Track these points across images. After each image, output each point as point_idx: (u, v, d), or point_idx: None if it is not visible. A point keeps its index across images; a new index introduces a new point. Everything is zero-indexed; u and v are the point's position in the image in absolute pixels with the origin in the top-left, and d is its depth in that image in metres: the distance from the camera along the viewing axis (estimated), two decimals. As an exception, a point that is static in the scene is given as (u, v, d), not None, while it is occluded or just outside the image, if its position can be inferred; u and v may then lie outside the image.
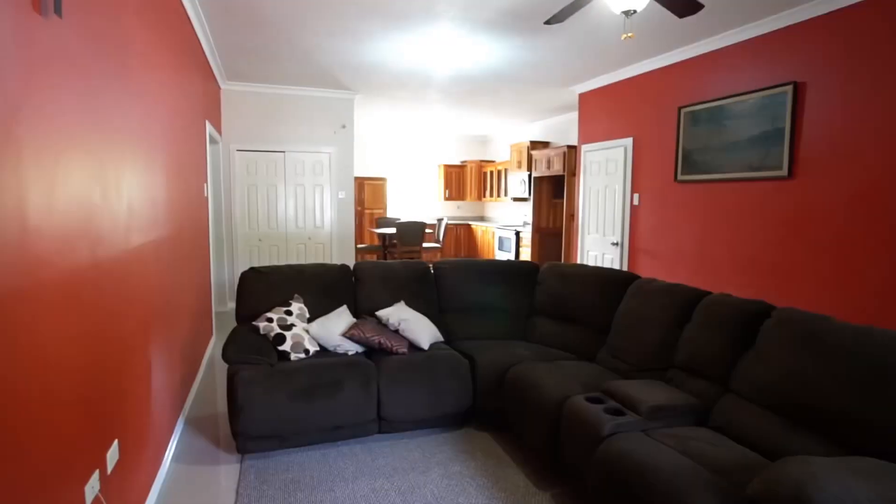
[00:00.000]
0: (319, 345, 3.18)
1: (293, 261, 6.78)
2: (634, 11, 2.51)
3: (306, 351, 3.04)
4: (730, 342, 2.37)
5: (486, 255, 10.04)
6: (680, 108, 4.81)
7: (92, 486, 1.58)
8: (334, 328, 3.20)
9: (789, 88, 3.83)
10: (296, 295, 3.39)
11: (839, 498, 1.40)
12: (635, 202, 5.44)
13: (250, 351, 2.84)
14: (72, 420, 1.48)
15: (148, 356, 2.36)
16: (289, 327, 3.08)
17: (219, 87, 6.01)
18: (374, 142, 10.66)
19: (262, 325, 3.06)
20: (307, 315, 3.32)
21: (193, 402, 3.54)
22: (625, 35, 2.76)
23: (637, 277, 3.20)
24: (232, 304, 6.12)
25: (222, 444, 2.94)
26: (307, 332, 3.17)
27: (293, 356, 2.98)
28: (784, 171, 3.89)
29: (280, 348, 2.98)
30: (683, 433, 2.12)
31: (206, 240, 4.65)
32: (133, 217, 2.15)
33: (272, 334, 3.02)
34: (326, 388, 2.78)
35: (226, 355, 2.83)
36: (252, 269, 3.45)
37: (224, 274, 6.29)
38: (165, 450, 2.67)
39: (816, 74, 3.70)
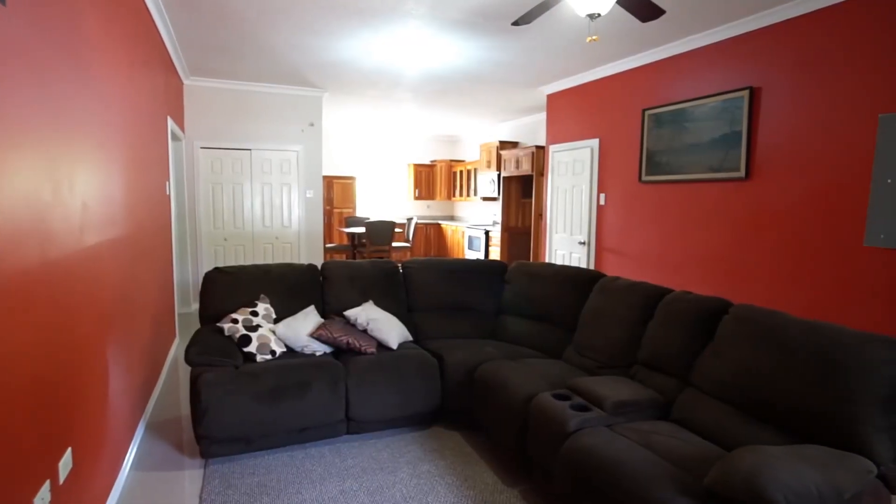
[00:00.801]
0: (286, 346, 3.13)
1: (260, 261, 6.65)
2: (599, 15, 2.56)
3: (273, 352, 2.99)
4: (689, 338, 2.45)
5: (456, 255, 10.07)
6: (644, 111, 4.93)
7: (42, 498, 1.52)
8: (301, 329, 3.16)
9: (746, 93, 3.97)
10: (262, 295, 3.33)
11: (788, 484, 1.46)
12: (602, 202, 5.55)
13: (214, 352, 2.78)
14: (19, 427, 1.41)
15: (105, 359, 2.28)
16: (255, 328, 3.02)
17: (181, 83, 5.85)
18: (344, 140, 10.56)
19: (226, 326, 2.99)
20: (274, 316, 3.27)
21: (155, 405, 3.44)
22: (589, 38, 2.82)
23: (602, 276, 3.26)
24: (196, 305, 5.96)
25: (186, 449, 2.86)
26: (273, 332, 3.12)
27: (259, 357, 2.93)
28: (742, 173, 4.04)
29: (246, 350, 2.93)
30: (646, 427, 2.18)
31: (168, 239, 4.52)
32: (88, 215, 2.08)
33: (237, 335, 2.96)
34: (293, 389, 2.74)
35: (189, 357, 2.75)
36: (216, 269, 3.37)
37: (188, 274, 6.13)
38: (124, 457, 2.59)
39: (770, 80, 3.85)
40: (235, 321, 3.02)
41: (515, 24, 3.12)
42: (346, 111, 8.32)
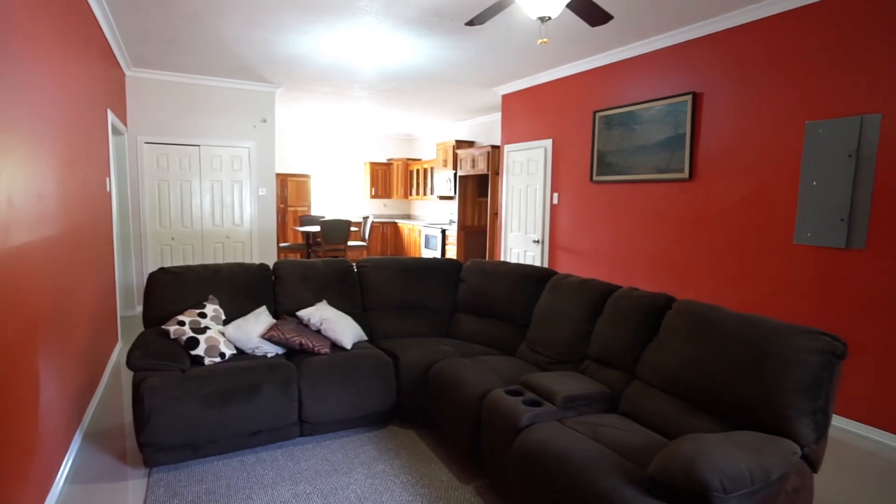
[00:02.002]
0: (236, 348, 3.05)
1: (210, 260, 6.43)
2: (549, 18, 2.61)
3: (222, 354, 2.90)
4: (636, 333, 2.54)
5: (413, 253, 10.06)
6: (595, 112, 5.07)
7: (-36, 514, 1.42)
8: (252, 330, 3.08)
9: (689, 98, 4.15)
10: (210, 296, 3.22)
11: (723, 469, 1.55)
12: (555, 201, 5.67)
13: (159, 356, 2.67)
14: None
15: (35, 366, 2.15)
16: (202, 330, 2.92)
17: (123, 74, 5.57)
18: (298, 137, 10.35)
19: (172, 328, 2.88)
20: (223, 317, 3.17)
21: (95, 414, 3.27)
22: (540, 40, 2.87)
23: (554, 273, 3.34)
24: (141, 308, 5.71)
25: (128, 458, 2.74)
26: (223, 334, 3.02)
27: (207, 360, 2.83)
28: (686, 174, 4.22)
29: (193, 353, 2.83)
30: (595, 420, 2.24)
31: (109, 238, 4.30)
32: (14, 212, 1.95)
33: (184, 338, 2.85)
34: (244, 392, 2.66)
35: (131, 362, 2.63)
36: (161, 269, 3.24)
37: (132, 275, 5.85)
38: (58, 470, 2.45)
39: (711, 86, 4.04)
40: (182, 323, 2.91)
41: (469, 24, 3.14)
42: (300, 107, 8.16)
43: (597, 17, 2.99)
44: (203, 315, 3.03)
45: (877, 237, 3.11)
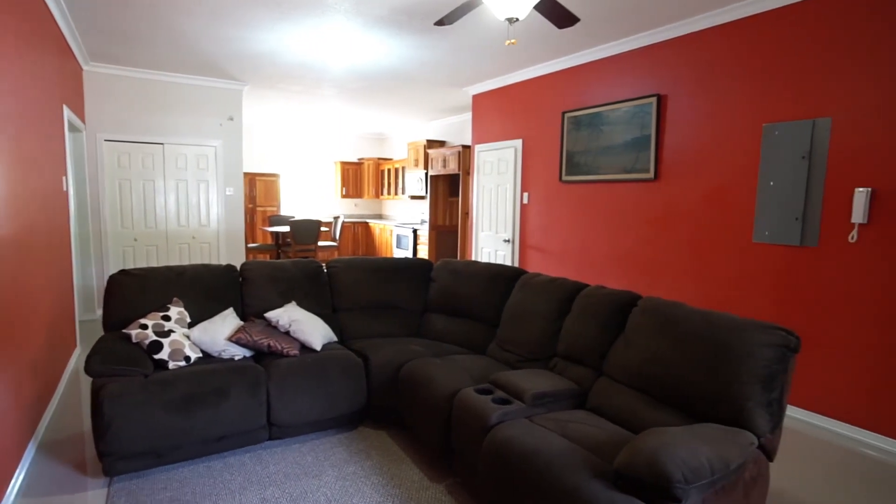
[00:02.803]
0: (202, 351, 2.98)
1: (175, 262, 6.26)
2: (517, 19, 2.64)
3: (187, 358, 2.83)
4: (603, 330, 2.59)
5: (384, 253, 10.01)
6: (564, 113, 5.15)
7: None
8: (219, 332, 3.02)
9: (654, 100, 4.26)
10: (175, 299, 3.14)
11: (685, 461, 1.60)
12: (525, 201, 5.73)
13: (120, 361, 2.58)
14: None
15: (-13, 374, 2.05)
16: (166, 334, 2.85)
17: (80, 68, 5.37)
18: (267, 136, 10.17)
19: (134, 332, 2.79)
20: (188, 320, 3.09)
21: (51, 423, 3.14)
22: (508, 41, 2.90)
23: (523, 272, 3.38)
24: (101, 312, 5.52)
25: (88, 468, 2.64)
26: (188, 337, 2.95)
27: (172, 364, 2.76)
28: (651, 174, 4.32)
29: (156, 357, 2.75)
30: (563, 416, 2.28)
31: (66, 239, 4.14)
32: (-37, 214, 1.86)
33: (147, 342, 2.77)
34: (210, 396, 2.61)
35: (89, 367, 2.54)
36: (122, 271, 3.13)
37: (91, 278, 5.65)
38: (9, 483, 2.34)
39: (675, 89, 4.15)
40: (144, 327, 2.83)
41: (438, 24, 3.15)
42: (269, 106, 8.02)
43: (563, 19, 3.04)
44: (167, 318, 2.95)
45: (828, 235, 3.25)
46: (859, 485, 2.64)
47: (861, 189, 3.07)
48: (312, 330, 3.16)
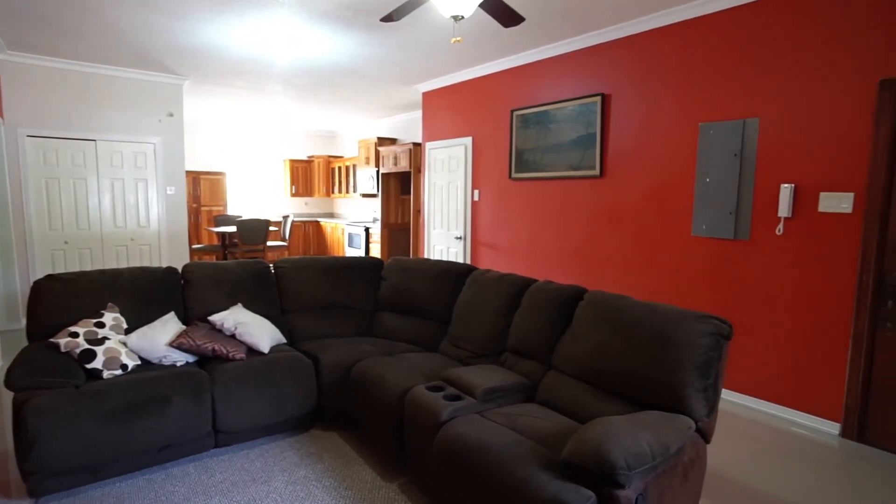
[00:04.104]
0: (141, 358, 2.84)
1: (112, 265, 5.93)
2: (462, 17, 2.65)
3: (124, 366, 2.68)
4: (551, 324, 2.65)
5: (336, 253, 9.86)
6: (512, 111, 5.22)
7: None
8: (159, 338, 2.88)
9: (598, 99, 4.38)
10: (110, 304, 2.97)
11: (628, 448, 1.65)
12: (476, 198, 5.78)
13: (46, 373, 2.42)
14: None
15: None
16: (100, 341, 2.69)
17: (-1, 60, 4.99)
18: (212, 133, 9.79)
19: (63, 341, 2.62)
20: (125, 326, 2.94)
21: (-29, 441, 2.91)
22: (454, 39, 2.91)
23: (474, 269, 3.40)
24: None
25: (12, 490, 2.46)
26: (125, 344, 2.80)
27: (107, 374, 2.61)
28: (597, 171, 4.45)
29: (89, 366, 2.59)
30: (513, 410, 2.32)
31: (-15, 244, 3.84)
32: None
33: (78, 351, 2.61)
34: (150, 404, 2.49)
35: (10, 381, 2.36)
36: (49, 276, 2.94)
37: (14, 284, 5.27)
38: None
39: (618, 88, 4.29)
40: (75, 335, 2.66)
41: (384, 20, 3.12)
42: (213, 102, 7.72)
43: (509, 18, 3.08)
44: (101, 325, 2.79)
45: (758, 229, 3.45)
46: (788, 460, 2.83)
47: (786, 185, 3.28)
48: (259, 332, 3.07)
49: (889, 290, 2.94)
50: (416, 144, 7.40)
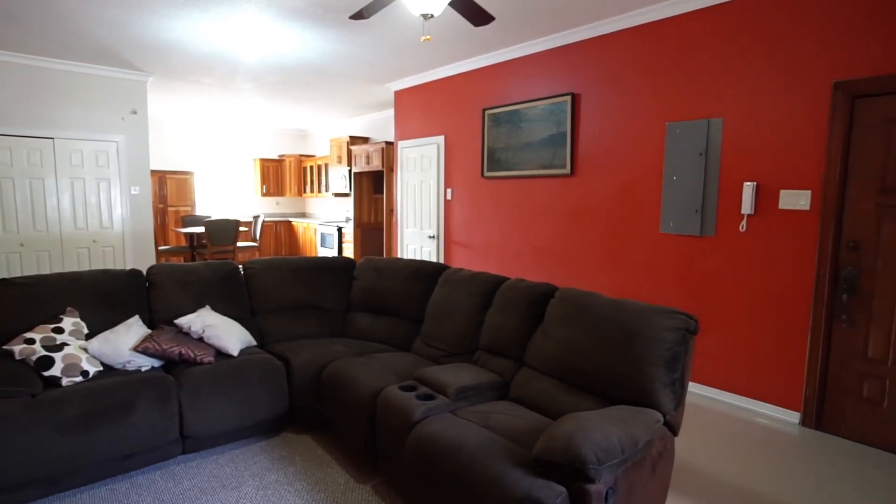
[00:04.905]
0: (104, 364, 2.74)
1: (72, 268, 5.72)
2: (432, 15, 2.64)
3: (84, 373, 2.59)
4: (523, 322, 2.67)
5: (309, 253, 9.74)
6: (484, 110, 5.24)
7: None
8: (122, 343, 2.79)
9: (568, 98, 4.43)
10: (69, 309, 2.87)
11: (597, 443, 1.68)
12: (448, 197, 5.78)
13: None
14: None
15: None
16: (58, 347, 2.59)
17: (-52, 54, 4.76)
18: (179, 131, 9.54)
19: (17, 348, 2.51)
20: (85, 331, 2.83)
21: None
22: (424, 37, 2.90)
23: (446, 268, 3.40)
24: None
25: (-35, 502, 2.35)
26: (85, 350, 2.70)
27: (66, 381, 2.51)
28: (567, 170, 4.50)
29: (46, 374, 2.49)
30: (486, 408, 2.32)
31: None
32: None
33: (34, 358, 2.50)
34: (112, 412, 2.41)
35: (-37, 390, 2.26)
36: (3, 281, 2.81)
37: (-31, 289, 5.03)
38: None
39: (588, 87, 4.34)
40: (31, 341, 2.56)
41: (355, 17, 3.09)
42: (179, 99, 7.52)
43: (479, 17, 3.08)
44: (59, 330, 2.69)
45: (723, 225, 3.55)
46: (751, 449, 2.92)
47: (748, 183, 3.38)
48: (228, 335, 3.01)
49: (844, 284, 3.06)
50: (389, 143, 7.37)
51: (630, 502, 1.81)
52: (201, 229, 7.75)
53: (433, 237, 5.98)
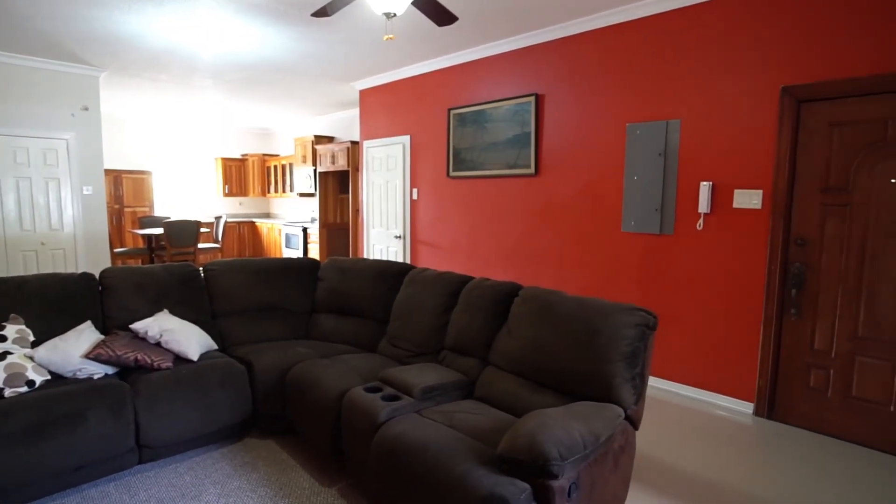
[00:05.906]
0: (52, 373, 2.62)
1: (18, 272, 5.45)
2: (394, 14, 2.63)
3: (30, 383, 2.46)
4: (487, 321, 2.68)
5: (273, 254, 9.55)
6: (450, 110, 5.24)
7: None
8: (73, 350, 2.67)
9: (532, 99, 4.49)
10: (12, 315, 2.72)
11: (560, 439, 1.70)
12: (414, 196, 5.77)
13: (-62, 393, 2.18)
14: None
15: None
16: (1, 357, 2.46)
17: None
18: (136, 129, 9.20)
19: (-43, 357, 2.37)
20: (31, 339, 2.70)
21: None
22: (386, 36, 2.88)
23: (412, 268, 3.39)
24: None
25: None
26: (31, 359, 2.57)
27: (9, 392, 2.39)
28: (532, 170, 4.56)
29: (-11, 384, 2.36)
30: (451, 408, 2.33)
31: None
32: None
33: (-25, 367, 2.37)
34: (60, 422, 2.29)
35: None
36: (-60, 286, 2.65)
37: None
38: None
39: (551, 88, 4.40)
40: (-28, 350, 2.42)
41: (317, 14, 3.04)
42: (136, 96, 7.25)
43: (443, 17, 3.08)
44: (2, 338, 2.55)
45: (681, 224, 3.65)
46: (708, 439, 3.02)
47: (705, 183, 3.49)
48: (187, 339, 2.92)
49: (792, 280, 3.20)
50: (354, 143, 7.29)
51: (593, 496, 1.85)
52: (160, 231, 7.50)
53: (399, 237, 5.95)
